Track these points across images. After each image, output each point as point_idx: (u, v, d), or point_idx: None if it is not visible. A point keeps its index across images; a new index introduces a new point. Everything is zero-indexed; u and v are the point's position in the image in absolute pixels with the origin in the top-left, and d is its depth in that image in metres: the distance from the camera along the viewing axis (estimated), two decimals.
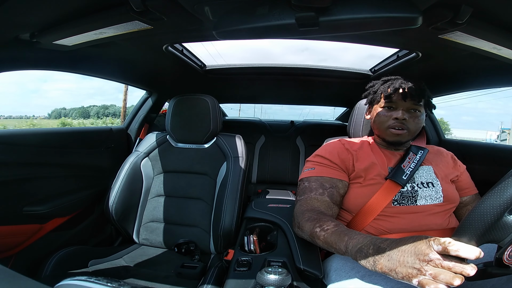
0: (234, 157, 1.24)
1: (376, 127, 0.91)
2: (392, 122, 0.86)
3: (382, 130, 0.88)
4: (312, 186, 0.83)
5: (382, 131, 0.88)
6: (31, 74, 72.70)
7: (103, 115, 20.94)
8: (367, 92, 0.99)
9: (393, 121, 0.85)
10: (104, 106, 35.73)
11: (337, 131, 1.42)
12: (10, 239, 1.03)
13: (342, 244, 0.59)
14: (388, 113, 0.87)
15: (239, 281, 0.70)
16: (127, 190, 1.21)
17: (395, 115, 0.85)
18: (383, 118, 0.88)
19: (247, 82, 1.83)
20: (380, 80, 0.95)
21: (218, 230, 1.13)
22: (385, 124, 0.87)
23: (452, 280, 0.42)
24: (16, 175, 1.03)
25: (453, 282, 0.42)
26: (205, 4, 0.70)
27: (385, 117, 0.87)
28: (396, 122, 0.85)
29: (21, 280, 0.35)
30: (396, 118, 0.85)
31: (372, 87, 0.97)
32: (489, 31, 0.73)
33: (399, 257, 0.49)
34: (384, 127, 0.87)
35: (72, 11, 0.73)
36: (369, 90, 0.99)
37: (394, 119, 0.85)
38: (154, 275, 0.97)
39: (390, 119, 0.86)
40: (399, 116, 0.84)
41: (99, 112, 25.05)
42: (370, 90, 0.97)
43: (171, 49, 1.14)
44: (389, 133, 0.86)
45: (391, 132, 0.86)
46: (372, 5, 0.62)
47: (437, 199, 0.81)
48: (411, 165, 0.85)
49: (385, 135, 0.88)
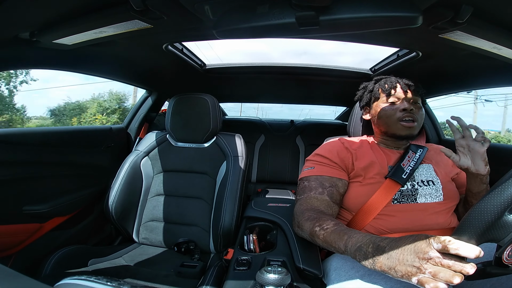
0: (234, 156, 1.24)
1: (383, 123, 0.90)
2: (400, 114, 0.85)
3: (391, 125, 0.87)
4: (311, 185, 0.83)
5: (392, 125, 0.87)
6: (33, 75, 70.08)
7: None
8: (360, 94, 1.01)
9: (402, 112, 0.85)
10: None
11: (337, 131, 1.42)
12: (10, 239, 1.03)
13: (342, 243, 0.59)
14: (393, 107, 0.87)
15: (238, 280, 0.70)
16: (127, 189, 1.21)
17: (402, 107, 0.85)
18: (390, 112, 0.87)
19: (247, 82, 1.83)
20: (372, 80, 0.96)
21: (218, 229, 1.13)
22: (394, 117, 0.86)
23: (452, 278, 0.42)
24: (16, 174, 1.03)
25: (452, 280, 0.42)
26: (205, 3, 0.70)
27: (392, 111, 0.87)
28: (405, 113, 0.85)
29: (21, 280, 0.35)
30: (404, 109, 0.85)
31: (366, 88, 0.98)
32: (489, 30, 0.73)
33: (398, 255, 0.49)
34: (393, 121, 0.86)
35: (72, 10, 0.73)
36: (362, 92, 1.00)
37: (402, 111, 0.85)
38: (154, 274, 0.97)
39: (398, 111, 0.86)
40: (407, 106, 0.84)
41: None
42: (364, 91, 0.99)
43: (171, 48, 1.14)
44: (400, 127, 0.85)
45: (402, 125, 0.85)
46: (373, 4, 0.62)
47: (437, 197, 0.81)
48: (411, 164, 0.85)
49: (396, 130, 0.87)
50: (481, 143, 0.73)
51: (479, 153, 0.73)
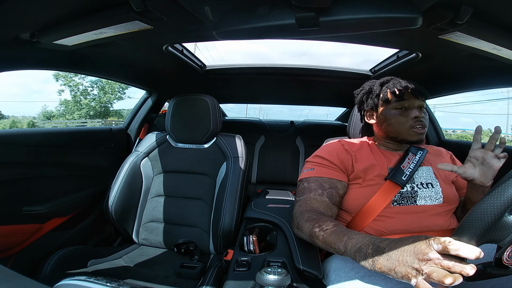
0: (233, 157, 1.24)
1: (393, 129, 0.88)
2: (412, 122, 0.85)
3: (402, 131, 0.86)
4: (311, 186, 0.83)
5: (403, 132, 0.86)
6: (35, 76, 71.01)
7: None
8: (364, 97, 0.96)
9: (413, 120, 0.85)
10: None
11: (336, 132, 1.42)
12: (9, 239, 1.03)
13: (341, 244, 0.59)
14: (404, 113, 0.86)
15: (238, 281, 0.70)
16: (127, 190, 1.21)
17: (413, 115, 0.85)
18: (401, 119, 0.86)
19: (247, 82, 1.83)
20: (377, 83, 0.92)
21: (218, 230, 1.12)
22: (406, 124, 0.85)
23: (444, 278, 0.41)
24: (15, 175, 1.03)
25: (444, 280, 0.41)
26: (205, 4, 0.70)
27: (403, 118, 0.86)
28: (417, 121, 0.85)
29: (20, 280, 0.35)
30: (416, 117, 0.84)
31: (371, 92, 0.93)
32: (489, 31, 0.73)
33: (398, 257, 0.48)
34: (405, 128, 0.85)
35: (72, 11, 0.73)
36: (364, 95, 0.96)
37: (414, 118, 0.85)
38: (154, 275, 0.97)
39: (409, 119, 0.85)
40: (418, 114, 0.84)
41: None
42: (369, 95, 0.94)
43: (171, 49, 1.14)
44: (412, 133, 0.85)
45: (414, 131, 0.85)
46: (372, 5, 0.62)
47: (437, 199, 0.81)
48: (411, 166, 0.85)
49: (407, 136, 0.86)
50: (498, 159, 0.70)
51: (492, 169, 0.71)
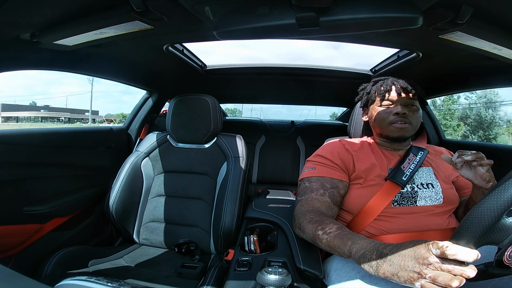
0: (234, 157, 1.24)
1: (377, 125, 0.92)
2: (393, 117, 0.86)
3: (384, 127, 0.89)
4: (313, 186, 0.83)
5: (385, 127, 0.89)
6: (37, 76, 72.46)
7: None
8: (360, 95, 1.02)
9: (394, 116, 0.86)
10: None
11: (337, 131, 1.42)
12: (10, 239, 1.03)
13: (346, 249, 0.60)
14: (387, 110, 0.88)
15: (239, 281, 0.70)
16: (128, 190, 1.21)
17: (395, 111, 0.86)
18: (383, 115, 0.89)
19: (248, 82, 1.83)
20: (371, 82, 0.97)
21: (219, 230, 1.12)
22: (386, 120, 0.88)
23: (450, 282, 0.43)
24: (16, 175, 1.03)
25: (451, 284, 0.43)
26: (205, 4, 0.70)
27: (385, 114, 0.88)
28: (398, 117, 0.86)
29: (21, 280, 0.35)
30: (397, 113, 0.85)
31: (365, 89, 0.99)
32: (489, 31, 0.73)
33: (400, 262, 0.49)
34: (386, 124, 0.88)
35: (72, 11, 0.73)
36: (361, 93, 1.01)
37: (394, 114, 0.86)
38: (154, 275, 0.97)
39: (391, 115, 0.87)
40: (399, 110, 0.85)
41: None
42: (363, 93, 1.00)
43: (171, 49, 1.14)
44: (393, 129, 0.87)
45: (394, 127, 0.86)
46: (373, 5, 0.62)
47: (437, 200, 0.81)
48: (411, 166, 0.85)
49: (388, 132, 0.88)
50: (481, 167, 0.69)
51: (478, 174, 0.70)
